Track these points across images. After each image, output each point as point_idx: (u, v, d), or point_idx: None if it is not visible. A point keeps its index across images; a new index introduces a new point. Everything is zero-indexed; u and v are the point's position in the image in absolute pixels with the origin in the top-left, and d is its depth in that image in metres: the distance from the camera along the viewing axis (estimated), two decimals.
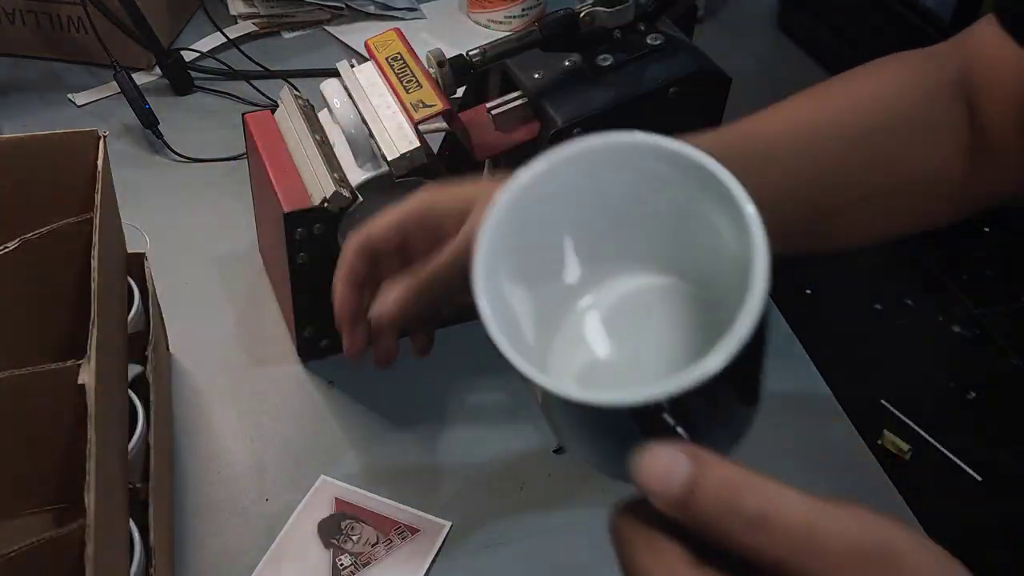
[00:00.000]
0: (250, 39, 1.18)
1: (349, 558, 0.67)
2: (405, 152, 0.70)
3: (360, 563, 0.67)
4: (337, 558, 0.67)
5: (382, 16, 1.23)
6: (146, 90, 1.04)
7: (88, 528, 0.46)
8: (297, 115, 0.77)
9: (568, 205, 0.44)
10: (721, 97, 0.81)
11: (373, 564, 0.67)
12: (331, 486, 0.71)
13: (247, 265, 0.89)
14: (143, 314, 0.72)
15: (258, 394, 0.79)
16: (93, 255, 0.58)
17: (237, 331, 0.84)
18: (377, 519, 0.69)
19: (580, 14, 0.75)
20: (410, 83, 0.74)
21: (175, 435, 0.76)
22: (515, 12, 1.20)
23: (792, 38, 1.32)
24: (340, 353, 0.69)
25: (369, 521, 0.69)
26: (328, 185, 0.71)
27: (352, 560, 0.67)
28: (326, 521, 0.69)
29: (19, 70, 1.11)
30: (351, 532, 0.68)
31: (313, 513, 0.70)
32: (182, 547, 0.69)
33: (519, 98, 0.78)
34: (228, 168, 0.99)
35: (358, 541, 0.68)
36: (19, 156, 0.65)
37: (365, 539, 0.68)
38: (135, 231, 0.88)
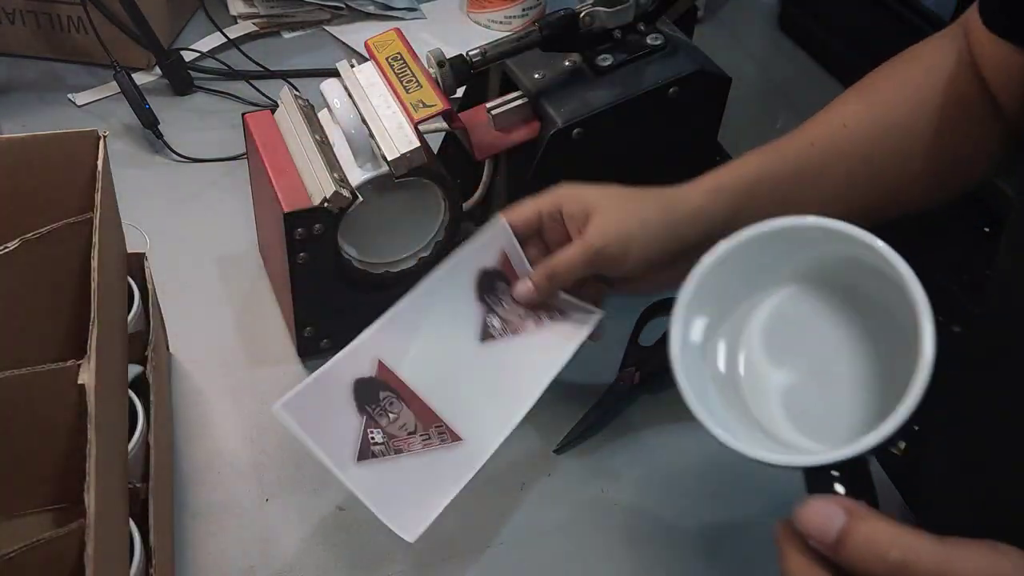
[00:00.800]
0: (250, 39, 1.18)
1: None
2: (405, 152, 0.70)
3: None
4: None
5: (382, 16, 1.23)
6: (146, 90, 1.04)
7: (88, 528, 0.46)
8: (297, 115, 0.77)
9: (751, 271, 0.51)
10: (721, 97, 0.81)
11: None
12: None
13: (247, 265, 0.89)
14: (143, 314, 0.72)
15: (258, 394, 0.79)
16: (93, 255, 0.58)
17: (237, 331, 0.84)
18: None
19: (580, 14, 0.75)
20: (410, 83, 0.74)
21: (175, 435, 0.76)
22: (515, 12, 1.20)
23: (792, 38, 1.32)
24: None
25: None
26: (328, 185, 0.71)
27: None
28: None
29: (19, 70, 1.11)
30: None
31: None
32: (182, 547, 0.69)
33: (519, 98, 0.78)
34: (228, 168, 0.99)
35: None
36: (19, 156, 0.65)
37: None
38: (135, 231, 0.88)
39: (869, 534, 0.39)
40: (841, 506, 0.40)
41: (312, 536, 0.70)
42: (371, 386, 0.62)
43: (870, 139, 0.65)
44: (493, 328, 0.63)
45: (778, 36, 1.32)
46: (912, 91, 0.66)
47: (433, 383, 0.64)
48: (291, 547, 0.69)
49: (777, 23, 1.33)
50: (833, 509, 0.40)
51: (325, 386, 0.61)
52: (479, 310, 0.63)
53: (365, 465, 0.59)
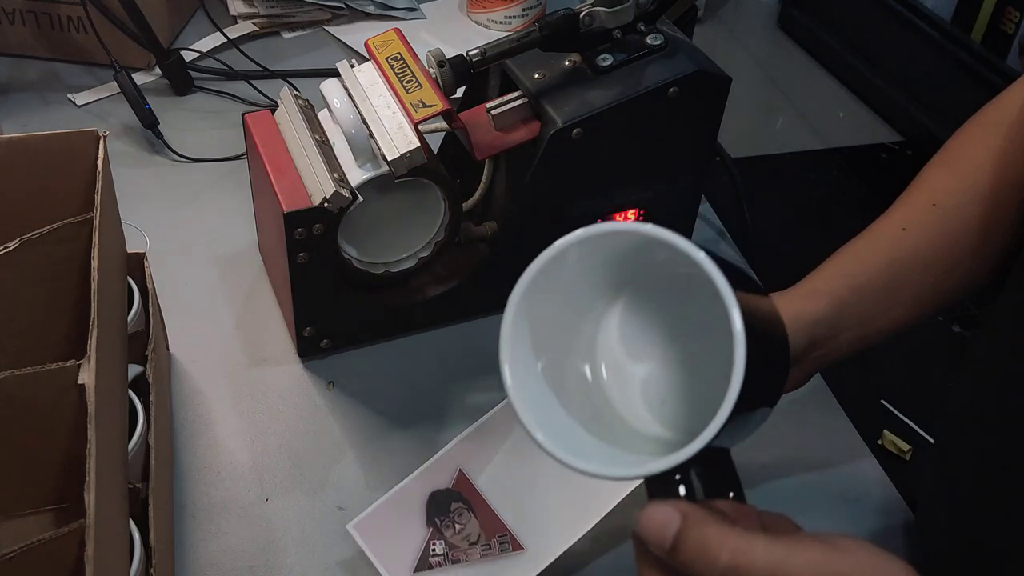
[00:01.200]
0: (250, 39, 1.18)
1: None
2: (405, 152, 0.70)
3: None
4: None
5: (382, 16, 1.23)
6: (146, 90, 1.04)
7: (88, 528, 0.46)
8: (297, 115, 0.77)
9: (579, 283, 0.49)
10: (721, 97, 0.81)
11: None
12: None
13: (247, 265, 0.89)
14: (143, 314, 0.72)
15: (258, 394, 0.79)
16: (93, 255, 0.58)
17: (237, 331, 0.84)
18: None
19: (580, 14, 0.75)
20: (410, 83, 0.74)
21: (175, 435, 0.76)
22: (515, 12, 1.20)
23: (792, 38, 1.32)
24: (340, 352, 0.69)
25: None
26: (328, 185, 0.71)
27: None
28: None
29: (19, 70, 1.11)
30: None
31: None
32: (182, 547, 0.69)
33: (519, 98, 0.78)
34: (228, 168, 0.99)
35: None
36: (19, 156, 0.65)
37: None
38: (135, 231, 0.88)
39: (700, 538, 0.39)
40: (677, 510, 0.40)
41: (312, 536, 0.70)
42: (445, 497, 0.64)
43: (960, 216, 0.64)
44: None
45: (778, 36, 1.33)
46: (996, 156, 0.65)
47: (507, 493, 0.65)
48: (291, 547, 0.69)
49: (777, 23, 1.34)
50: (668, 514, 0.40)
51: (399, 502, 0.64)
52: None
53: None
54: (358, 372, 0.81)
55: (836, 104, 1.18)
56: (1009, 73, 1.02)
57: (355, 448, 0.76)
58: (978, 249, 0.64)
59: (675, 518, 0.40)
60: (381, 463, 0.75)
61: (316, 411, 0.78)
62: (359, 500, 0.72)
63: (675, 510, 0.40)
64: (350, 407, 0.79)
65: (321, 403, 0.79)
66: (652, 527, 0.40)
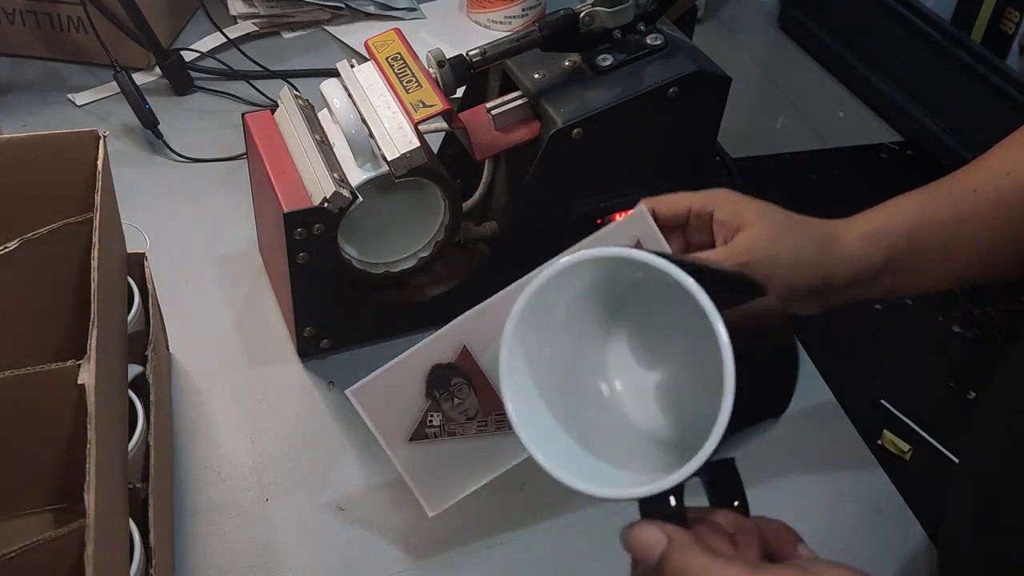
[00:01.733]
0: (250, 39, 1.18)
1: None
2: (405, 152, 0.70)
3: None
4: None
5: (382, 16, 1.23)
6: (146, 90, 1.04)
7: (88, 528, 0.46)
8: (297, 115, 0.77)
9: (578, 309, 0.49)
10: (721, 97, 0.81)
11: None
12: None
13: (247, 265, 0.89)
14: (143, 314, 0.72)
15: (258, 394, 0.79)
16: (93, 255, 0.58)
17: (237, 331, 0.84)
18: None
19: (580, 14, 0.75)
20: (410, 83, 0.74)
21: (175, 435, 0.76)
22: (515, 12, 1.20)
23: (792, 38, 1.32)
24: (340, 352, 0.69)
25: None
26: (328, 185, 0.71)
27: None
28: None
29: (19, 70, 1.11)
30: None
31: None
32: (182, 547, 0.69)
33: (519, 98, 0.78)
34: (228, 168, 0.99)
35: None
36: (19, 156, 0.65)
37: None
38: (135, 231, 0.88)
39: (682, 566, 0.41)
40: (663, 532, 0.42)
41: (312, 536, 0.70)
42: (446, 372, 0.64)
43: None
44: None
45: (778, 36, 1.32)
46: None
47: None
48: (291, 547, 0.69)
49: (777, 23, 1.33)
50: (655, 535, 0.42)
51: (400, 373, 0.64)
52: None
53: (415, 445, 0.63)
54: (358, 372, 0.81)
55: (836, 104, 1.18)
56: (1009, 73, 1.02)
57: (355, 448, 0.76)
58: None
59: (660, 540, 0.42)
60: (381, 463, 0.75)
61: (316, 411, 0.78)
62: (359, 500, 0.72)
63: (661, 532, 0.42)
64: (350, 407, 0.78)
65: (321, 403, 0.79)
66: (637, 546, 0.42)
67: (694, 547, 0.41)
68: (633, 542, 0.43)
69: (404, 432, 0.64)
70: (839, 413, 0.81)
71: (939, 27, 1.10)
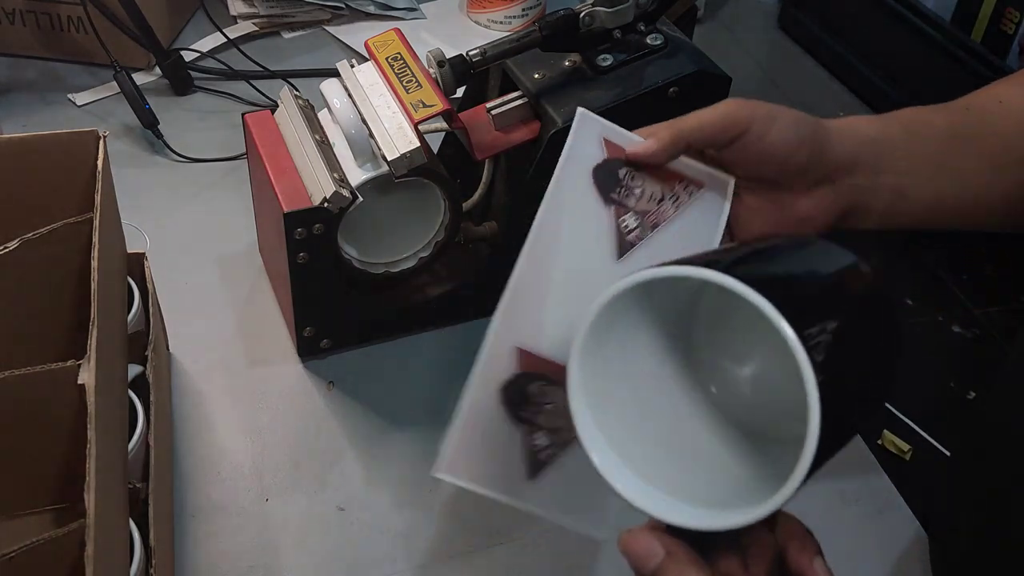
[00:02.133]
0: (250, 39, 1.18)
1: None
2: (405, 152, 0.70)
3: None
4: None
5: (382, 16, 1.23)
6: (146, 90, 1.04)
7: (88, 528, 0.46)
8: (297, 115, 0.77)
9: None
10: (721, 97, 0.81)
11: (663, 226, 0.56)
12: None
13: (247, 265, 0.89)
14: (143, 314, 0.72)
15: (258, 394, 0.79)
16: (93, 255, 0.58)
17: (237, 331, 0.84)
18: (659, 174, 0.57)
19: (580, 14, 0.75)
20: (410, 83, 0.74)
21: (175, 435, 0.76)
22: (515, 12, 1.20)
23: (792, 38, 1.32)
24: (340, 352, 0.69)
25: (650, 176, 0.57)
26: (328, 185, 0.71)
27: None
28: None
29: (19, 70, 1.11)
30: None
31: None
32: (182, 547, 0.69)
33: (519, 98, 0.78)
34: (228, 168, 0.99)
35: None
36: (19, 156, 0.65)
37: (649, 194, 0.56)
38: (135, 231, 0.88)
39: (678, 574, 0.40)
40: (662, 544, 0.41)
41: (312, 536, 0.70)
42: (518, 385, 0.54)
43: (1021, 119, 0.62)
44: (629, 231, 0.54)
45: (778, 36, 1.32)
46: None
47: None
48: (291, 547, 0.69)
49: (777, 23, 1.33)
50: (653, 547, 0.41)
51: (475, 421, 0.53)
52: (608, 217, 0.54)
53: (541, 480, 0.53)
54: (358, 372, 0.81)
55: (836, 104, 1.18)
56: (1009, 73, 1.02)
57: (355, 448, 0.76)
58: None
59: (658, 553, 0.41)
60: (381, 463, 0.75)
61: (316, 411, 0.78)
62: (359, 500, 0.72)
63: (659, 545, 0.41)
64: (350, 407, 0.79)
65: (321, 403, 0.79)
66: (634, 556, 0.41)
67: (692, 565, 0.41)
68: (630, 550, 0.42)
69: (521, 475, 0.54)
70: None
71: (939, 27, 1.10)
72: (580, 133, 0.56)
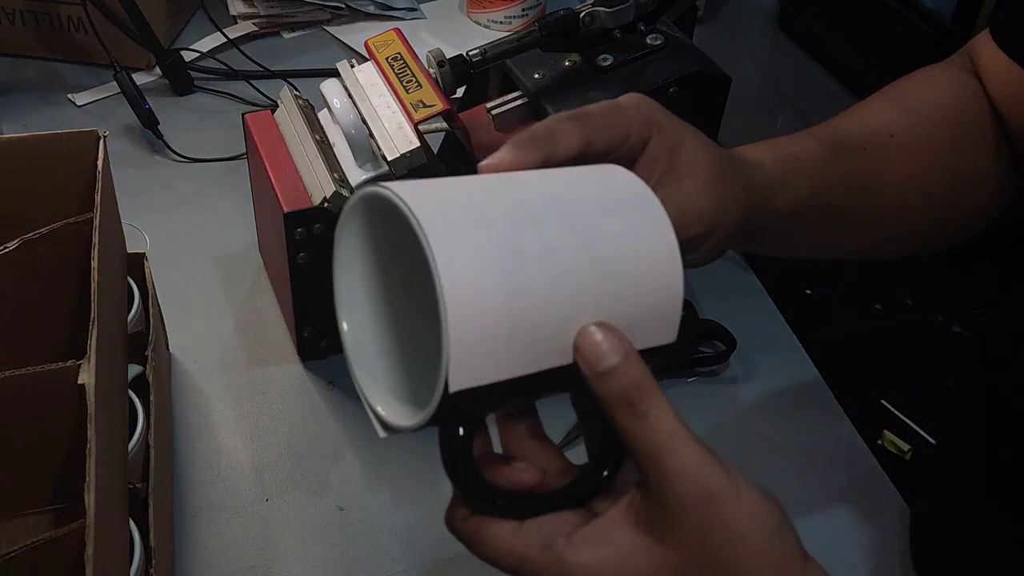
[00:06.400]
0: (250, 39, 1.18)
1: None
2: (405, 152, 0.70)
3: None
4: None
5: (382, 16, 1.23)
6: (146, 90, 1.04)
7: (88, 528, 0.46)
8: (297, 115, 0.77)
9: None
10: (721, 97, 0.81)
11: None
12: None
13: (247, 265, 0.89)
14: (143, 314, 0.72)
15: (258, 394, 0.79)
16: (93, 255, 0.58)
17: (237, 331, 0.84)
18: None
19: (580, 14, 0.75)
20: (410, 83, 0.74)
21: (175, 435, 0.76)
22: (515, 12, 1.20)
23: (792, 38, 1.32)
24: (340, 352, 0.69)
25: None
26: (328, 185, 0.71)
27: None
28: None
29: (19, 70, 1.11)
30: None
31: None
32: (182, 547, 0.69)
33: (519, 98, 0.78)
34: (228, 168, 0.99)
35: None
36: (19, 156, 0.65)
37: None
38: (135, 231, 0.88)
39: (633, 378, 0.38)
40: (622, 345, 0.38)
41: (312, 536, 0.70)
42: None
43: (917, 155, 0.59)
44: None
45: (778, 36, 1.33)
46: (936, 108, 0.61)
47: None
48: (291, 547, 0.69)
49: (777, 23, 1.33)
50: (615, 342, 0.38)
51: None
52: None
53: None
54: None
55: (836, 104, 1.18)
56: None
57: (355, 448, 0.76)
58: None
59: (620, 350, 0.38)
60: (381, 463, 0.75)
61: (316, 411, 0.78)
62: (359, 500, 0.72)
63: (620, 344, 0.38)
64: (350, 407, 0.79)
65: (321, 403, 0.79)
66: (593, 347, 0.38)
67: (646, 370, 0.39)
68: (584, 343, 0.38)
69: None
70: (839, 413, 0.81)
71: (939, 27, 1.10)
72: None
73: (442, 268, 0.35)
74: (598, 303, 0.39)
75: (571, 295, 0.38)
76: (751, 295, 0.91)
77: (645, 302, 0.40)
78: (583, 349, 0.38)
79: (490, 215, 0.38)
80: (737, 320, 0.84)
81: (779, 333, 0.87)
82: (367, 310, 0.45)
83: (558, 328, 0.38)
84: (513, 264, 0.37)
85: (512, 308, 0.37)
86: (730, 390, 0.82)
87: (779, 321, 0.88)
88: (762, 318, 0.88)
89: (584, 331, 0.39)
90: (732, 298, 0.89)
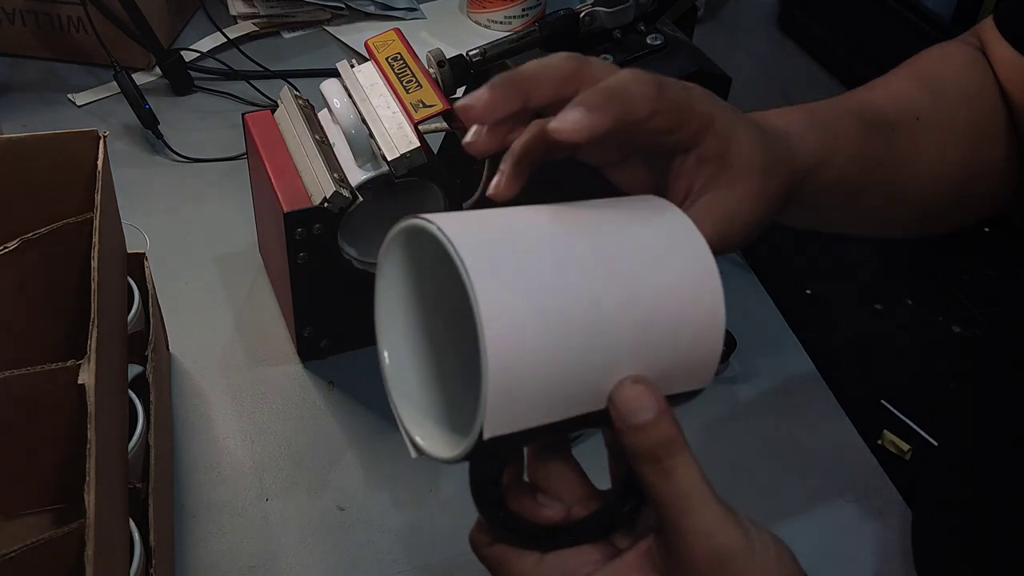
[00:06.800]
0: (250, 39, 1.18)
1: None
2: (405, 152, 0.70)
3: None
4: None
5: (382, 16, 1.23)
6: (146, 90, 1.04)
7: (88, 528, 0.46)
8: (297, 115, 0.77)
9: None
10: (721, 97, 0.81)
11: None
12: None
13: (247, 265, 0.89)
14: (143, 314, 0.72)
15: (258, 394, 0.79)
16: (93, 255, 0.58)
17: (237, 331, 0.84)
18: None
19: (580, 14, 0.75)
20: (410, 83, 0.74)
21: (175, 435, 0.76)
22: (515, 12, 1.20)
23: (792, 38, 1.32)
24: (340, 352, 0.69)
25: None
26: (328, 185, 0.71)
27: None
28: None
29: (19, 70, 1.11)
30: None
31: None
32: (182, 547, 0.69)
33: None
34: (228, 168, 0.99)
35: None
36: (19, 156, 0.65)
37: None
38: (135, 231, 0.88)
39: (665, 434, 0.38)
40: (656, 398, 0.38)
41: (312, 536, 0.70)
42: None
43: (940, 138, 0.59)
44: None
45: (778, 36, 1.33)
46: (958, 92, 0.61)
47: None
48: (291, 547, 0.69)
49: (777, 23, 1.34)
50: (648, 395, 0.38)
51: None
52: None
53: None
54: (358, 372, 0.81)
55: None
56: None
57: (355, 448, 0.76)
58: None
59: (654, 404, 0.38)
60: (381, 463, 0.75)
61: (316, 411, 0.78)
62: (359, 500, 0.72)
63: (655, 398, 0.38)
64: (350, 407, 0.79)
65: (321, 403, 0.79)
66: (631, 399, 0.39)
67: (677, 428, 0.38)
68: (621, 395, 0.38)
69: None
70: (839, 413, 0.81)
71: (939, 27, 1.10)
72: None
73: (486, 320, 0.35)
74: (637, 353, 0.39)
75: (611, 347, 0.38)
76: (751, 295, 0.91)
77: (684, 354, 0.40)
78: (618, 403, 0.38)
79: (537, 262, 0.38)
80: (737, 320, 0.84)
81: (779, 333, 0.87)
82: (405, 332, 0.46)
83: (595, 376, 0.38)
84: (557, 315, 0.37)
85: (552, 360, 0.37)
86: (730, 390, 0.82)
87: (779, 321, 0.88)
88: (762, 318, 0.88)
89: (621, 384, 0.38)
90: (732, 298, 0.88)
